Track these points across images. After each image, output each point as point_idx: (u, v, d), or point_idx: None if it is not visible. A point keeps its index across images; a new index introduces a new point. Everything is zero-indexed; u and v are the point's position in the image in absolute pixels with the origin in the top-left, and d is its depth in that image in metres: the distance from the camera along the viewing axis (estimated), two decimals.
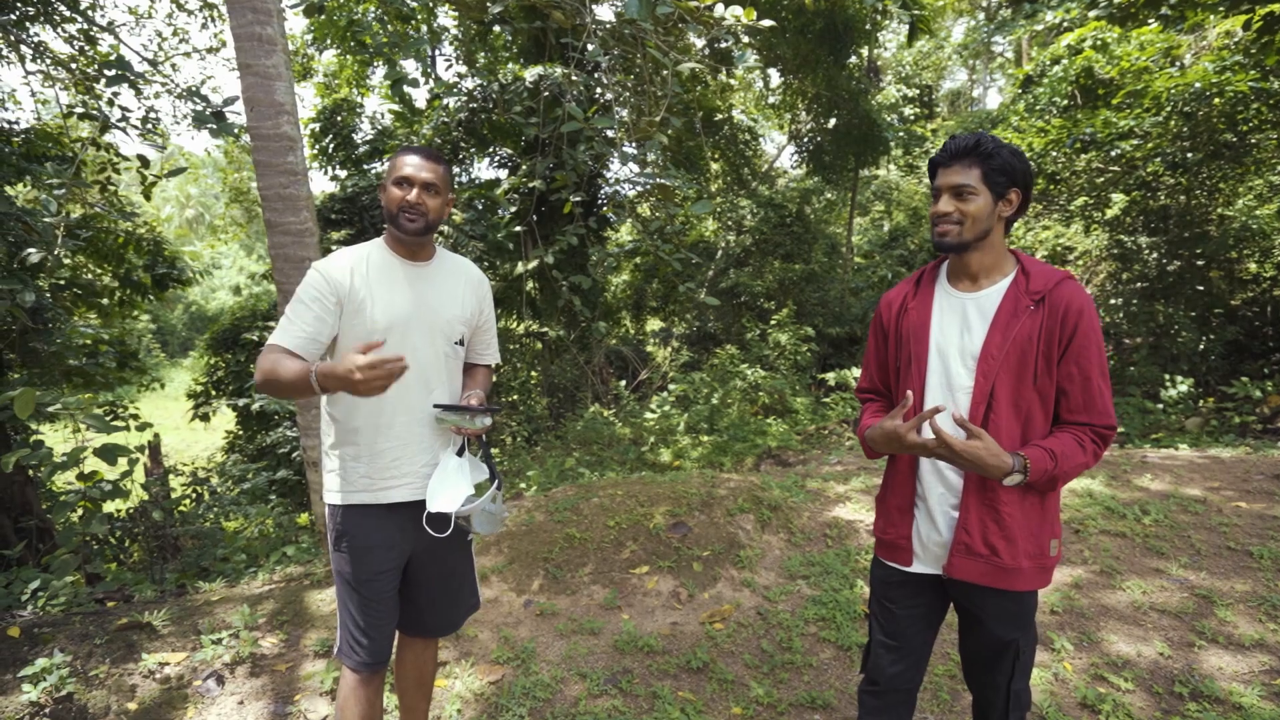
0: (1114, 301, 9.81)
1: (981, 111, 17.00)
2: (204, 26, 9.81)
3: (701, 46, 10.24)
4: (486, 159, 10.67)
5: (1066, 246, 11.39)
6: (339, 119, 10.00)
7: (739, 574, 3.40)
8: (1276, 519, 3.64)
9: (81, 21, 7.24)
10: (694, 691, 2.60)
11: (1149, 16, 9.38)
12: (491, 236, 9.10)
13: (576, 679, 2.65)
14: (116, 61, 4.00)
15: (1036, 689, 2.51)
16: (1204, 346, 8.64)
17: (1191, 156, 7.88)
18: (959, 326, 1.58)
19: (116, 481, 4.22)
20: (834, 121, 12.16)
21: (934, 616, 1.73)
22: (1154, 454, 5.00)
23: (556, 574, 3.37)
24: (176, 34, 10.09)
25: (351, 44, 11.14)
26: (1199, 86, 7.37)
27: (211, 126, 3.70)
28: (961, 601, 1.67)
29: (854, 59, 12.01)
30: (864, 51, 13.31)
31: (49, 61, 7.29)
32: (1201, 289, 8.87)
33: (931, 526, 1.62)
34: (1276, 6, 5.57)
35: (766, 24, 3.88)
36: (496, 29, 10.62)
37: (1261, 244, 8.83)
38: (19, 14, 6.67)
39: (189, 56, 10.02)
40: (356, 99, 11.48)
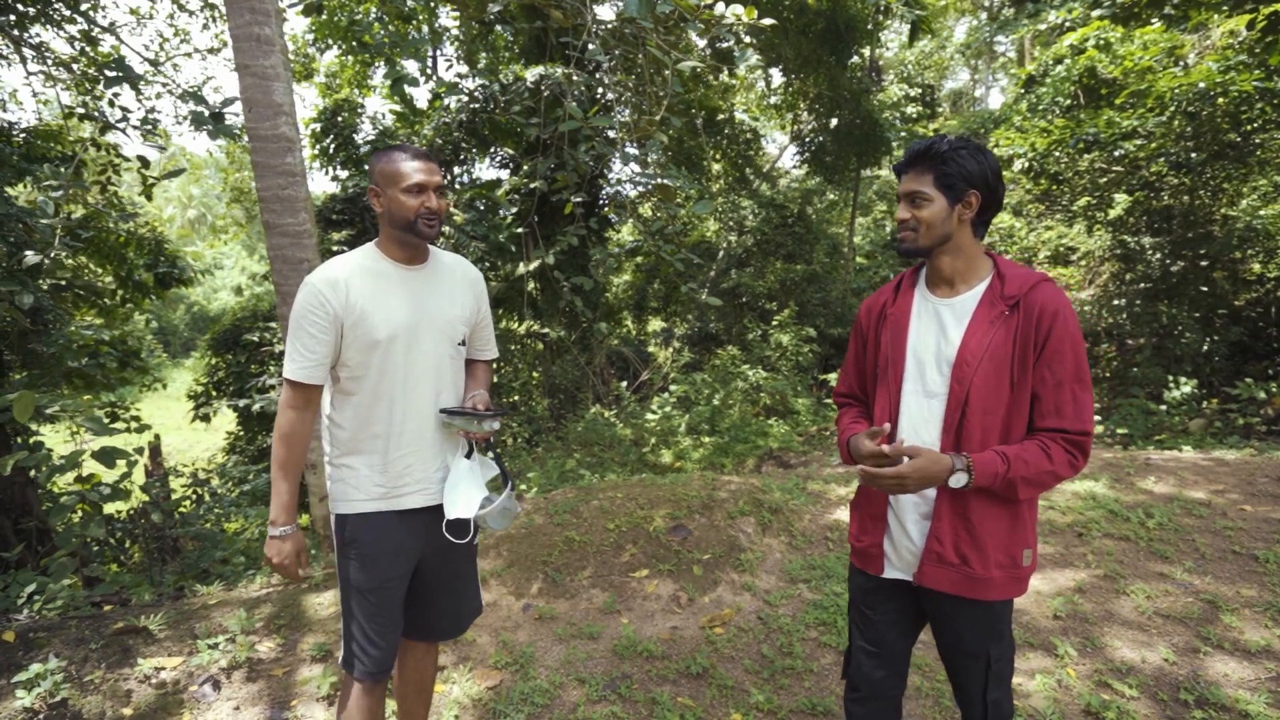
0: (1117, 302, 9.77)
1: (984, 111, 16.96)
2: (205, 27, 9.81)
3: (703, 46, 10.22)
4: (487, 159, 10.65)
5: (1069, 247, 11.35)
6: (340, 119, 9.99)
7: (739, 577, 3.38)
8: None
9: (83, 22, 7.24)
10: (693, 697, 2.57)
11: (1152, 16, 9.34)
12: (493, 237, 9.08)
13: (575, 684, 2.63)
14: (116, 63, 3.98)
15: (1039, 695, 2.48)
16: (1208, 347, 8.59)
17: (1195, 156, 7.85)
18: (936, 332, 1.58)
19: (115, 484, 4.21)
20: (836, 121, 12.13)
21: (910, 622, 1.72)
22: (1157, 456, 4.97)
23: (556, 577, 3.35)
24: (178, 34, 10.10)
25: (353, 44, 11.14)
26: (1203, 86, 7.34)
27: (210, 128, 3.69)
28: (933, 610, 1.65)
29: (856, 59, 11.98)
30: (866, 51, 13.27)
31: (50, 62, 7.28)
32: (1205, 290, 8.82)
33: (904, 534, 1.62)
34: None
35: (767, 23, 3.86)
36: (498, 29, 10.61)
37: (1265, 244, 8.79)
38: (20, 15, 6.67)
39: (190, 57, 10.02)
40: (358, 99, 11.47)
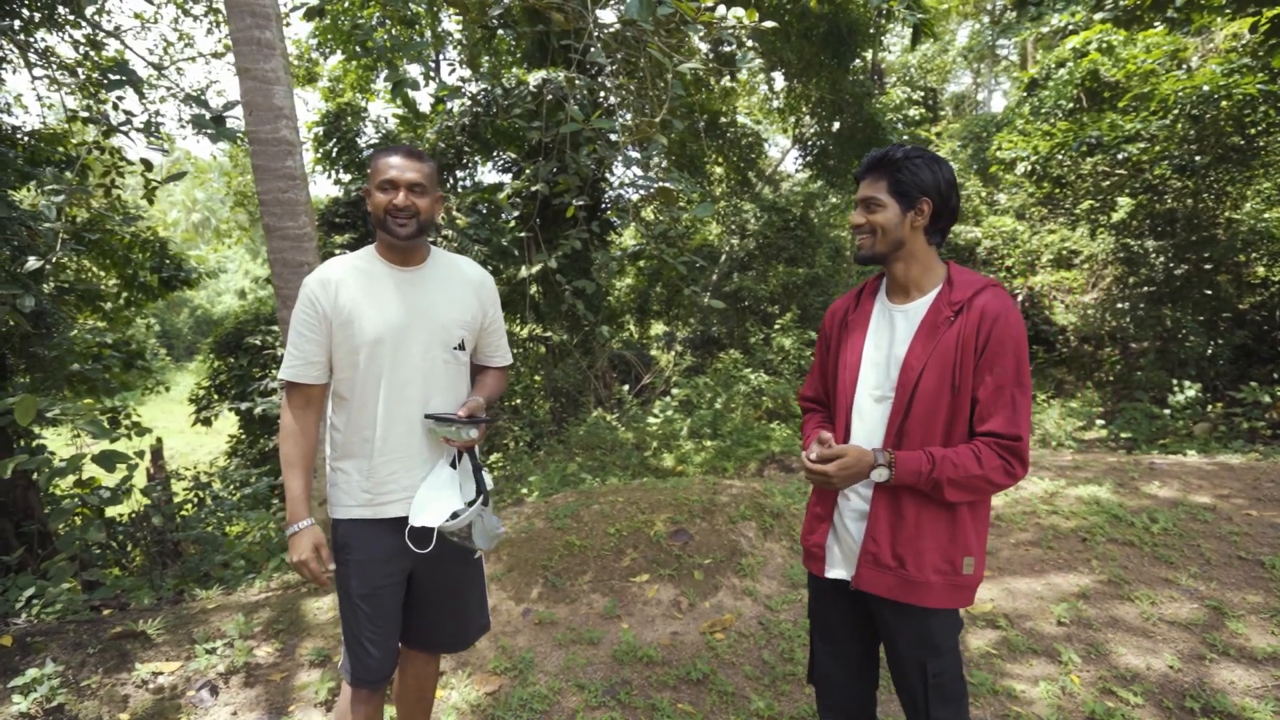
0: (1120, 306, 9.74)
1: (986, 115, 16.94)
2: (209, 32, 9.85)
3: (705, 50, 10.22)
4: (490, 163, 10.67)
5: (1072, 250, 11.32)
6: (343, 123, 10.02)
7: (740, 582, 3.36)
8: None
9: (88, 27, 7.27)
10: (693, 704, 2.55)
11: (1155, 19, 9.32)
12: (496, 241, 9.08)
13: (575, 690, 2.62)
14: (118, 66, 3.99)
15: (1043, 703, 2.46)
16: (1212, 351, 8.56)
17: (1199, 160, 7.82)
18: (888, 338, 1.62)
19: (115, 488, 4.21)
20: (838, 125, 12.12)
21: (860, 620, 1.71)
22: (1161, 460, 4.94)
23: (556, 582, 3.33)
24: (182, 39, 10.14)
25: (355, 49, 11.18)
26: (1206, 89, 7.32)
27: (211, 131, 3.69)
28: (875, 616, 1.65)
29: (858, 62, 11.97)
30: (868, 55, 13.27)
31: (55, 67, 7.32)
32: (1209, 293, 8.79)
33: (847, 534, 1.64)
34: None
35: (768, 25, 3.85)
36: (500, 33, 10.64)
37: (1270, 247, 8.76)
38: (26, 20, 6.70)
39: (194, 61, 10.06)
40: (360, 103, 11.50)
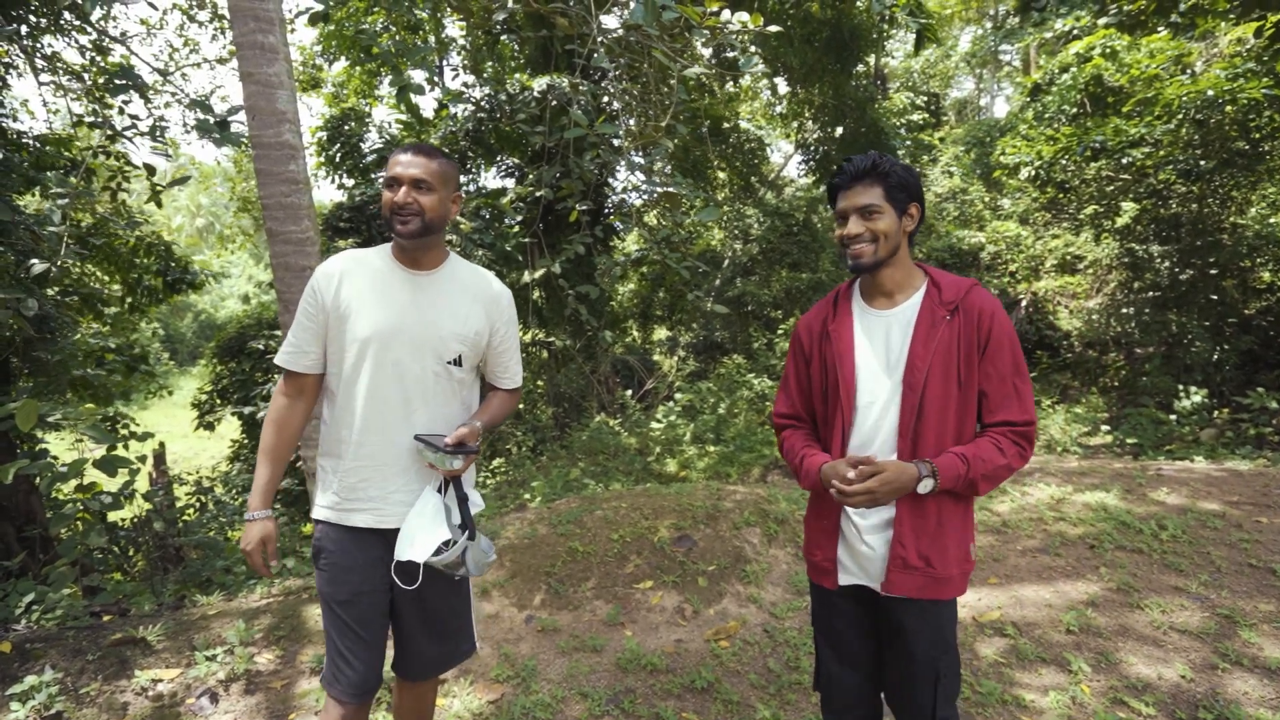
0: (1125, 311, 9.70)
1: (989, 119, 16.93)
2: (214, 38, 9.89)
3: (709, 55, 10.24)
4: (494, 168, 10.68)
5: (1076, 255, 11.29)
6: (347, 128, 10.04)
7: (745, 589, 3.33)
8: None
9: (94, 33, 7.30)
10: (698, 712, 2.52)
11: (1159, 24, 9.30)
12: (499, 246, 9.08)
13: (578, 699, 2.59)
14: (123, 71, 4.00)
15: (1053, 713, 2.43)
16: (1218, 356, 8.51)
17: (1204, 164, 7.79)
18: (883, 344, 1.62)
19: (117, 493, 4.20)
20: (841, 130, 12.12)
21: (871, 625, 1.74)
22: (1169, 467, 4.90)
23: (559, 589, 3.30)
24: (187, 44, 10.18)
25: (360, 54, 11.22)
26: (1211, 94, 7.30)
27: (215, 135, 3.69)
28: (890, 618, 1.66)
29: (861, 67, 11.98)
30: (871, 60, 13.28)
31: (61, 72, 7.34)
32: (1215, 298, 8.75)
33: (863, 544, 1.63)
34: None
35: (772, 30, 3.84)
36: (503, 38, 10.66)
37: (1275, 252, 8.72)
38: (33, 26, 6.73)
39: (199, 67, 10.10)
40: (364, 108, 11.53)
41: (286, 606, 3.23)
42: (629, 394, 10.55)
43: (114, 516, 5.79)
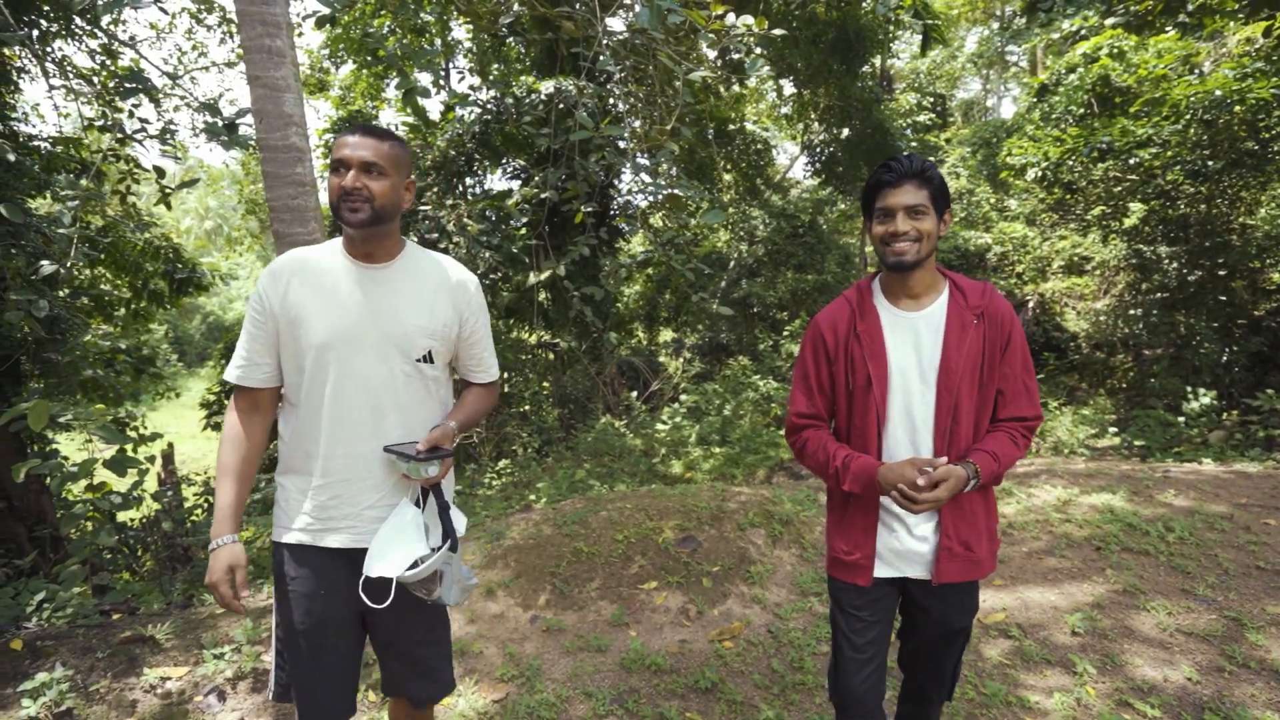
0: (1133, 312, 9.66)
1: (996, 120, 16.89)
2: (222, 41, 9.97)
3: (714, 57, 10.24)
4: (499, 170, 10.72)
5: (1084, 256, 11.25)
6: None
7: (749, 590, 3.34)
8: None
9: (104, 37, 7.37)
10: (702, 712, 2.53)
11: (1167, 24, 9.25)
12: (506, 247, 9.12)
13: (582, 698, 2.60)
14: (131, 75, 4.04)
15: (1057, 714, 2.42)
16: (1227, 358, 8.46)
17: (1212, 165, 7.75)
18: (913, 344, 1.66)
19: (127, 493, 4.23)
20: (847, 132, 12.10)
21: (892, 615, 1.83)
22: (1177, 469, 4.87)
23: (564, 589, 3.31)
24: (196, 48, 10.27)
25: (367, 58, 11.27)
26: (1219, 94, 7.26)
27: (224, 138, 3.72)
28: (926, 602, 1.76)
29: (867, 68, 11.97)
30: (877, 61, 13.26)
31: (72, 76, 7.42)
32: (1224, 299, 8.70)
33: (911, 538, 1.70)
34: None
35: (777, 33, 3.85)
36: (510, 41, 10.70)
37: None
38: (44, 30, 6.80)
39: (207, 71, 10.17)
40: (371, 111, 11.59)
41: None
42: (634, 396, 10.56)
43: (123, 516, 5.83)
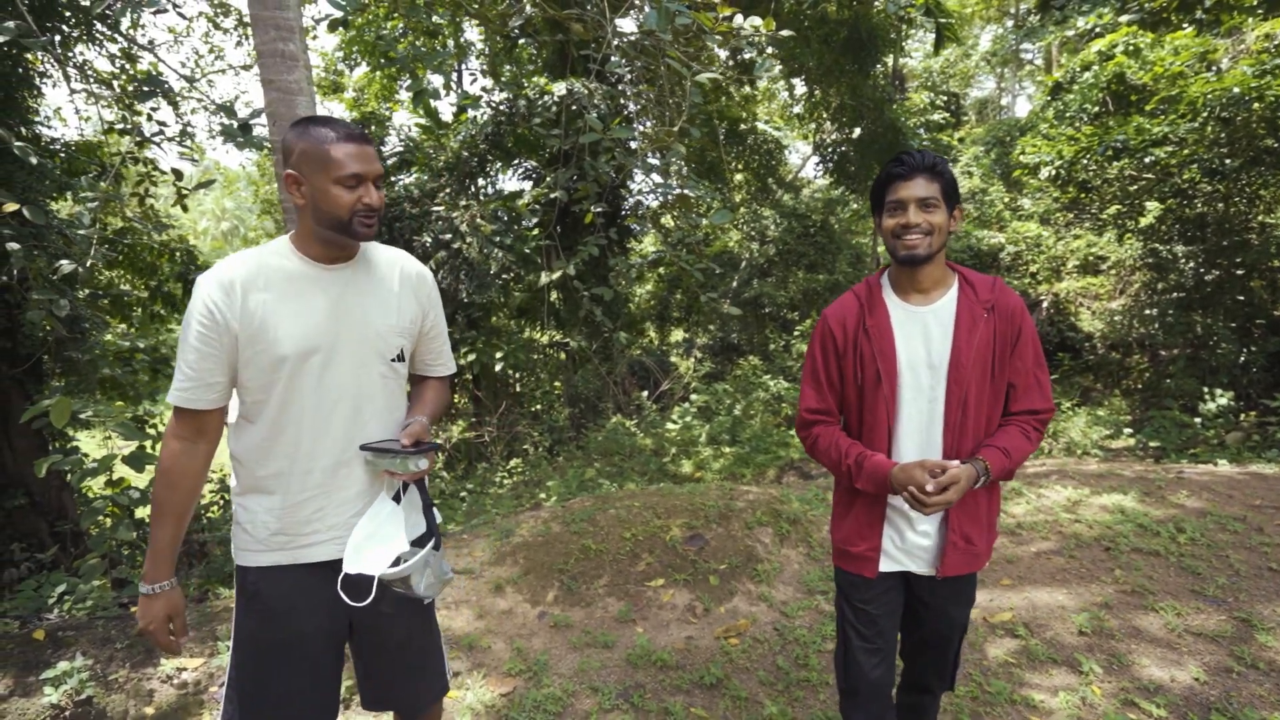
0: (1149, 312, 9.56)
1: (1010, 119, 16.75)
2: (239, 44, 10.10)
3: (725, 58, 10.26)
4: (511, 170, 10.79)
5: (1099, 256, 11.14)
6: (367, 132, 10.19)
7: (756, 588, 3.35)
8: None
9: (123, 41, 7.50)
10: (706, 708, 2.55)
11: (1183, 21, 9.14)
12: (519, 248, 9.18)
13: (588, 693, 2.63)
14: (149, 79, 4.12)
15: (1062, 713, 2.42)
16: (1245, 358, 8.35)
17: (1230, 163, 7.66)
18: (922, 339, 1.66)
19: (145, 489, 4.31)
20: (858, 131, 12.07)
21: (899, 608, 1.84)
22: (1191, 470, 4.83)
23: (571, 585, 3.35)
24: (213, 51, 10.42)
25: (380, 60, 11.39)
26: (1237, 91, 7.17)
27: (238, 139, 3.79)
28: (928, 596, 1.78)
29: (879, 68, 11.92)
30: (889, 60, 13.21)
31: (92, 80, 7.55)
32: (1241, 299, 8.59)
33: (914, 533, 1.72)
34: None
35: (785, 34, 3.86)
36: (522, 42, 10.76)
37: None
38: (65, 35, 6.93)
39: (224, 73, 10.31)
40: (385, 112, 11.69)
41: None
42: (645, 395, 10.59)
43: (141, 513, 5.94)
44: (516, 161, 10.59)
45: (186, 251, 7.80)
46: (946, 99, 16.77)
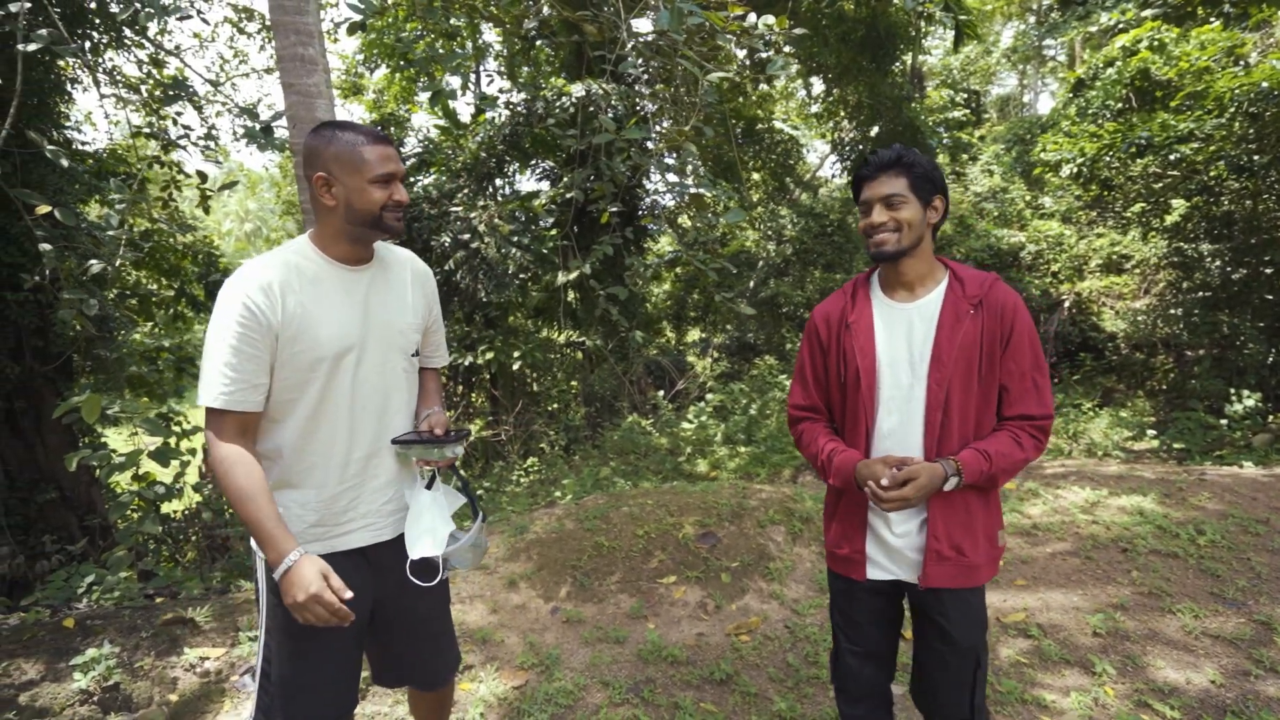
0: (1174, 312, 9.39)
1: (1031, 117, 16.53)
2: (261, 48, 10.28)
3: (742, 57, 10.24)
4: (529, 171, 10.86)
5: (1123, 255, 10.97)
6: (387, 133, 10.30)
7: (768, 586, 3.36)
8: None
9: (151, 47, 7.67)
10: (716, 703, 2.57)
11: (1210, 14, 8.97)
12: (536, 248, 9.25)
13: (599, 687, 2.66)
14: (175, 83, 4.23)
15: (1073, 713, 2.41)
16: (1273, 359, 8.18)
17: (1258, 159, 7.50)
18: (905, 337, 1.62)
19: (170, 485, 4.42)
20: (877, 130, 12.00)
21: (893, 617, 1.79)
22: (1214, 471, 4.75)
23: (584, 582, 3.38)
24: (237, 55, 10.62)
25: (399, 62, 11.52)
26: (1266, 86, 7.03)
27: (261, 141, 3.88)
28: (925, 610, 1.68)
29: (897, 65, 11.84)
30: (907, 58, 13.11)
31: (121, 85, 7.73)
32: (1270, 298, 8.41)
33: (895, 537, 1.65)
34: None
35: (799, 32, 3.87)
36: (539, 44, 10.83)
37: None
38: (95, 42, 7.11)
39: (248, 77, 10.50)
40: (404, 114, 11.83)
41: None
42: (661, 395, 10.61)
43: (166, 509, 6.08)
44: (534, 162, 10.66)
45: (208, 254, 7.96)
46: (967, 96, 16.59)
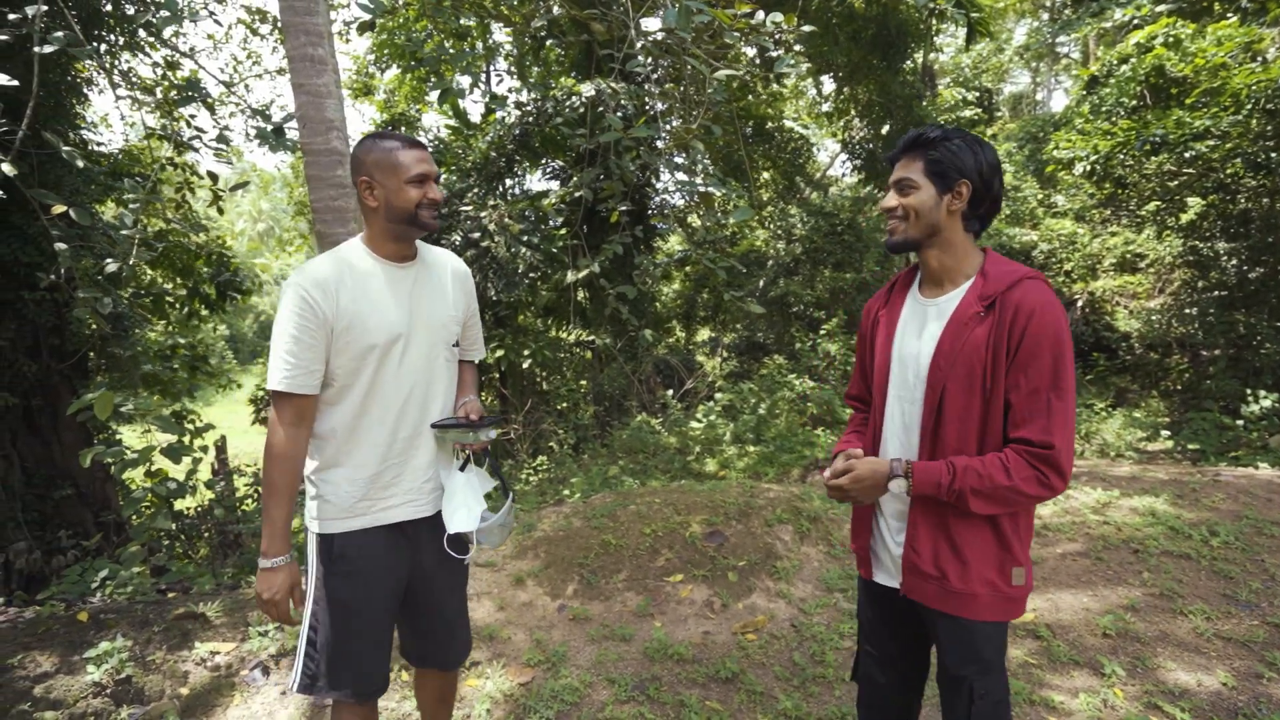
0: (1189, 311, 9.29)
1: (1044, 115, 16.39)
2: (274, 49, 10.36)
3: (752, 55, 10.22)
4: (539, 170, 10.89)
5: (1138, 254, 10.86)
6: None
7: (775, 585, 3.36)
8: None
9: (165, 49, 7.75)
10: (722, 701, 2.57)
11: (1227, 10, 8.85)
12: (545, 247, 9.27)
13: (605, 684, 2.66)
14: (189, 85, 4.27)
15: (1081, 714, 2.39)
16: None
17: (1275, 157, 7.41)
18: (917, 334, 1.53)
19: (183, 482, 4.47)
20: (888, 128, 11.93)
21: (903, 628, 1.66)
22: (1229, 472, 4.70)
23: (591, 580, 3.39)
24: (250, 57, 10.71)
25: (410, 62, 11.58)
26: None
27: (272, 141, 3.92)
28: (928, 625, 1.59)
29: (908, 64, 11.77)
30: (918, 56, 13.03)
31: (136, 86, 7.82)
32: None
33: (890, 539, 1.61)
34: None
35: (807, 29, 3.86)
36: (549, 43, 10.85)
37: None
38: (111, 44, 7.19)
39: (260, 78, 10.58)
40: (415, 114, 11.89)
41: None
42: (670, 394, 10.60)
43: (179, 505, 6.15)
44: (544, 161, 10.69)
45: (221, 254, 8.03)
46: (979, 95, 16.47)
